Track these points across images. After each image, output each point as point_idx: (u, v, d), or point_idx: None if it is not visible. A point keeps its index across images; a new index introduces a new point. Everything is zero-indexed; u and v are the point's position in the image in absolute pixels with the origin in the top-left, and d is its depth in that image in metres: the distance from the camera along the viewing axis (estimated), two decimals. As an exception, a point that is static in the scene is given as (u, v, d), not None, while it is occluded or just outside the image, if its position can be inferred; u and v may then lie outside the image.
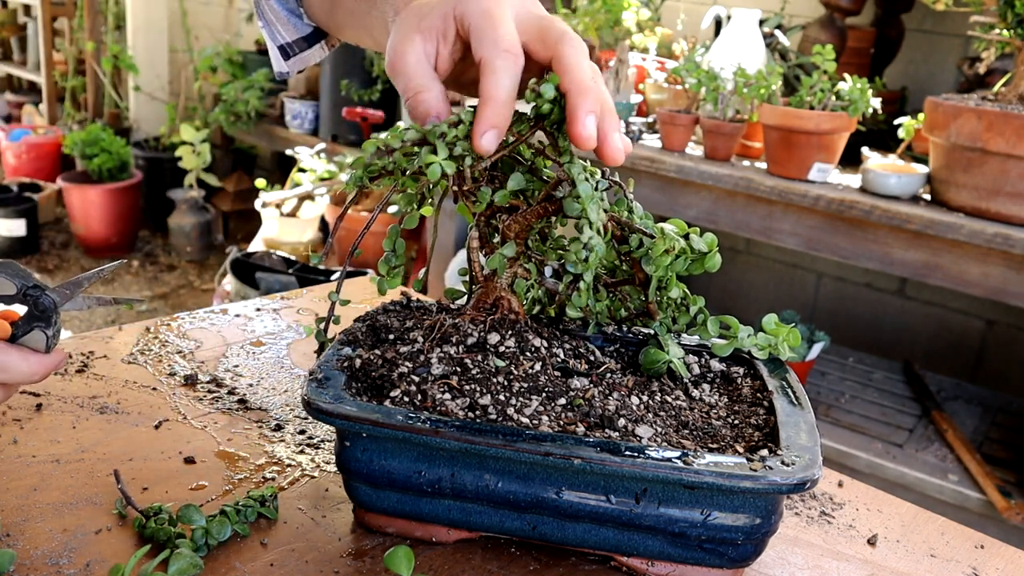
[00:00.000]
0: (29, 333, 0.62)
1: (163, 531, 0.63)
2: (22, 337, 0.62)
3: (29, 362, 0.61)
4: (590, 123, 0.62)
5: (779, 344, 0.75)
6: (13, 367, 0.61)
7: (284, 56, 0.91)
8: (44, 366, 0.62)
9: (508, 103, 0.62)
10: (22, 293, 0.62)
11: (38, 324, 0.63)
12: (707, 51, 2.36)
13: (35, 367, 0.61)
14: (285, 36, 0.89)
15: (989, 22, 1.94)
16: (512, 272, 0.73)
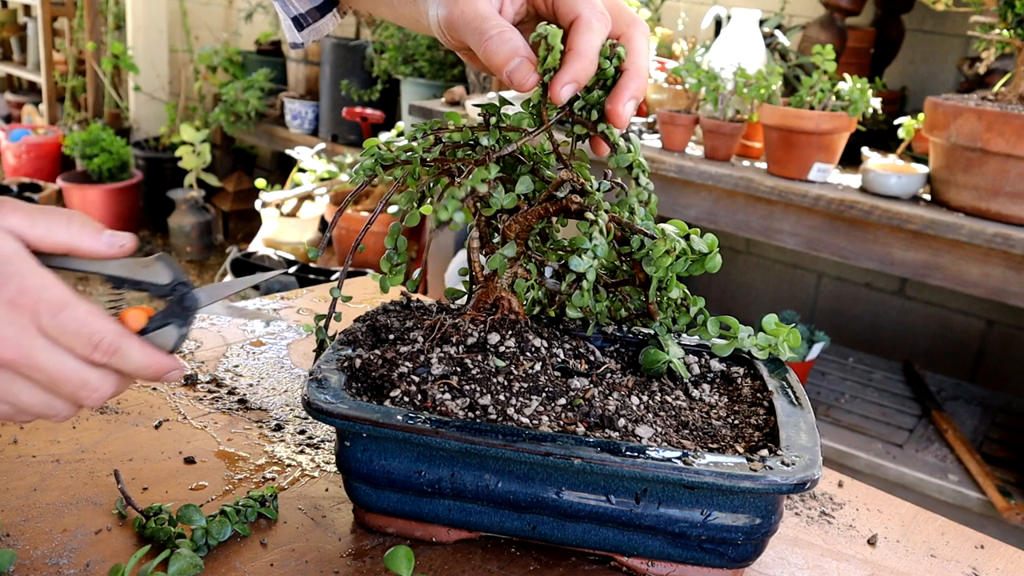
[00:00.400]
0: (162, 328, 0.61)
1: (163, 531, 0.63)
2: (152, 332, 0.61)
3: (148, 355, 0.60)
4: (631, 105, 0.65)
5: (779, 344, 0.75)
6: (130, 357, 0.59)
7: (298, 27, 0.91)
8: (160, 366, 0.61)
9: (595, 62, 0.64)
10: (172, 285, 0.62)
11: (174, 320, 0.62)
12: (707, 51, 2.36)
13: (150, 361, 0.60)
14: (298, 7, 0.90)
15: (989, 22, 1.94)
16: (512, 272, 0.73)
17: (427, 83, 3.40)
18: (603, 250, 0.68)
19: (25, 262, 0.56)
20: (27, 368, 0.56)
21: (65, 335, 0.56)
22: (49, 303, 0.55)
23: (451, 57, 3.47)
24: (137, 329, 0.60)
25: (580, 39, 0.64)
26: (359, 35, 3.99)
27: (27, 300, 0.55)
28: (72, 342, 0.57)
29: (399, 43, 3.50)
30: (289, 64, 4.10)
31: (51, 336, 0.56)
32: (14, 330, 0.55)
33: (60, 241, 0.58)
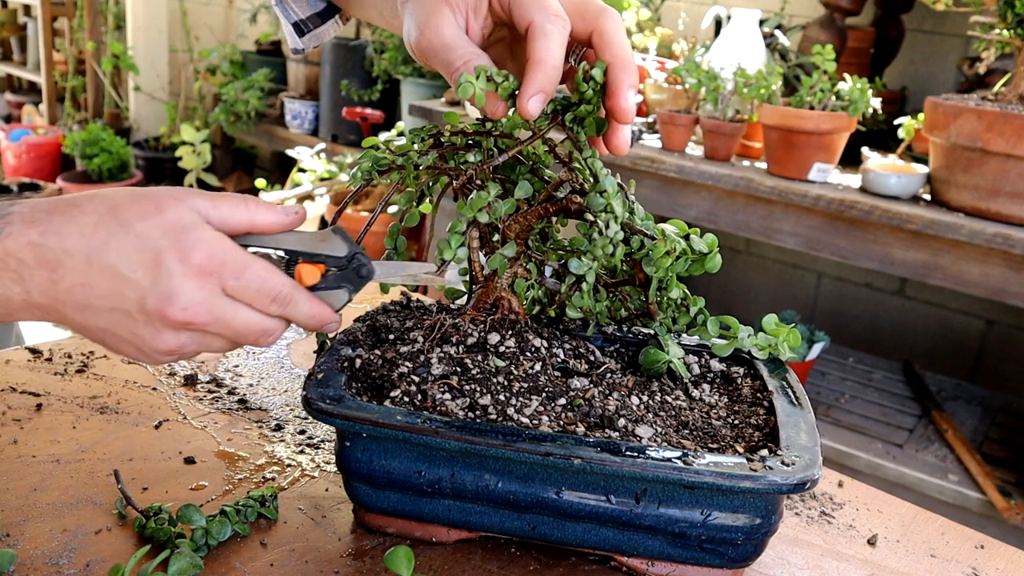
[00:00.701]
0: (335, 290, 0.66)
1: (163, 531, 0.63)
2: (324, 291, 0.66)
3: (314, 306, 0.65)
4: (631, 97, 0.65)
5: (779, 344, 0.75)
6: (300, 308, 0.64)
7: (299, 33, 0.92)
8: (323, 317, 0.66)
9: (557, 68, 0.64)
10: (350, 256, 0.66)
11: (346, 285, 0.66)
12: (707, 51, 2.36)
13: (315, 312, 0.65)
14: (299, 13, 0.91)
15: (989, 22, 1.94)
16: (512, 272, 0.73)
17: (427, 83, 3.40)
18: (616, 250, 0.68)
19: (206, 229, 0.61)
20: (217, 326, 0.62)
21: (247, 293, 0.62)
22: (233, 265, 0.61)
23: (451, 57, 3.47)
24: (309, 284, 0.65)
25: (537, 47, 0.63)
26: (359, 35, 3.99)
27: (214, 264, 0.60)
28: (253, 298, 0.62)
29: (399, 43, 3.50)
30: (289, 64, 4.10)
31: (235, 295, 0.62)
32: (204, 295, 0.60)
33: (241, 220, 0.63)
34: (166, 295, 0.59)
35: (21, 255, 0.58)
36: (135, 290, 0.59)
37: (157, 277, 0.59)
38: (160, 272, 0.59)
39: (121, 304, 0.60)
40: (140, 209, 0.60)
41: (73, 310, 0.60)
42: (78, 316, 0.61)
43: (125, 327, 0.61)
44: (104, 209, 0.60)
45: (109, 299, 0.60)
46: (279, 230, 0.65)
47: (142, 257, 0.59)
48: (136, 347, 0.62)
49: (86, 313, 0.60)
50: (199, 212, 0.61)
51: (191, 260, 0.59)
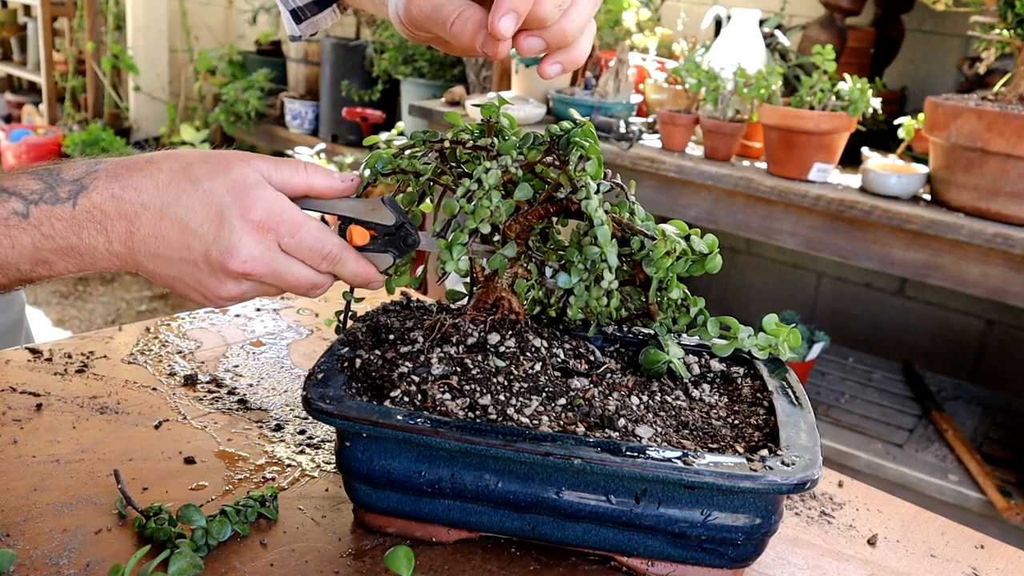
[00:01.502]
0: (381, 253, 0.71)
1: (163, 531, 0.63)
2: (371, 252, 0.71)
3: (360, 265, 0.70)
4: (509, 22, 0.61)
5: (779, 344, 0.75)
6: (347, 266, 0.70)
7: (296, 20, 0.94)
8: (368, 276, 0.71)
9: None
10: (398, 226, 0.70)
11: (393, 250, 0.71)
12: (707, 51, 2.36)
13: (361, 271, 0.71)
14: (298, 0, 0.92)
15: (989, 22, 1.94)
16: (512, 272, 0.73)
17: (427, 83, 3.40)
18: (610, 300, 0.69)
19: (267, 189, 0.66)
20: (272, 279, 0.67)
21: (301, 250, 0.67)
22: (289, 223, 0.66)
23: (451, 57, 3.47)
24: (359, 244, 0.70)
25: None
26: (359, 35, 3.99)
27: (272, 221, 0.65)
28: (305, 255, 0.68)
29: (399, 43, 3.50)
30: (289, 64, 4.10)
31: (290, 252, 0.67)
32: (262, 250, 0.65)
33: (300, 183, 0.68)
34: (228, 248, 0.64)
35: (105, 207, 0.65)
36: (201, 242, 0.65)
37: (220, 231, 0.64)
38: (223, 226, 0.64)
39: (188, 255, 0.65)
40: (209, 168, 0.65)
41: (147, 258, 0.66)
42: (150, 264, 0.66)
43: (192, 275, 0.66)
44: (178, 167, 0.66)
45: (178, 249, 0.65)
46: (334, 195, 0.70)
47: (208, 212, 0.64)
48: (201, 293, 0.68)
49: (157, 262, 0.66)
50: (262, 173, 0.66)
51: (251, 216, 0.64)
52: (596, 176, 0.68)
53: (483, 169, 0.68)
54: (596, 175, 0.67)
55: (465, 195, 0.69)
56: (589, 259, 0.69)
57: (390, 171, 0.74)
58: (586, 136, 0.67)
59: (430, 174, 0.73)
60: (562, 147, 0.68)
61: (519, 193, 0.70)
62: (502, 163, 0.69)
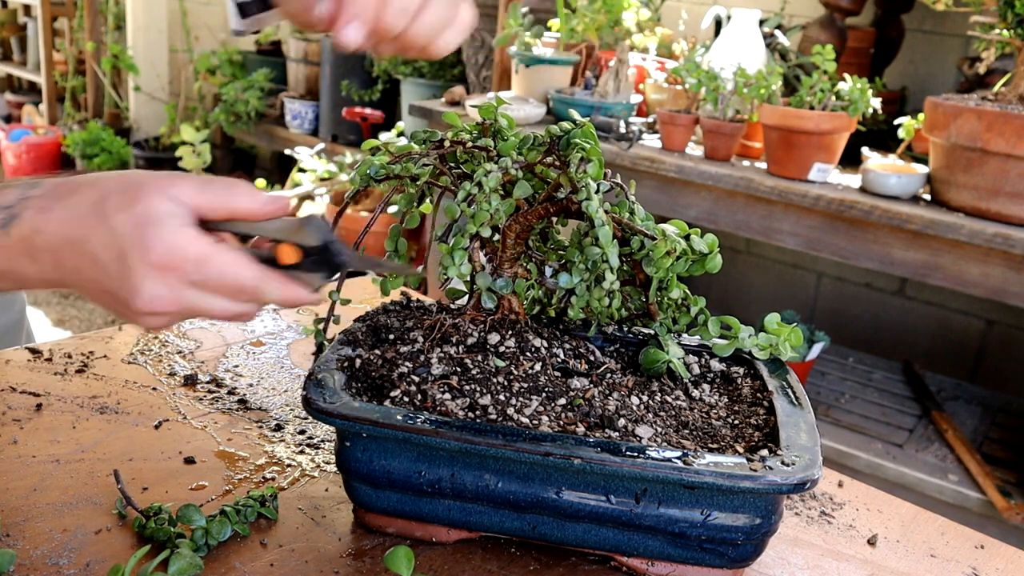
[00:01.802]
0: (310, 272, 0.67)
1: (163, 531, 0.63)
2: (301, 272, 0.67)
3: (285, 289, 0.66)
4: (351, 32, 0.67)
5: (780, 344, 0.75)
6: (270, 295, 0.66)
7: (242, 14, 0.92)
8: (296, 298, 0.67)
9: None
10: (321, 247, 0.67)
11: (322, 271, 0.67)
12: (707, 51, 2.36)
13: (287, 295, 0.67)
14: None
15: (989, 22, 1.94)
16: (512, 272, 0.73)
17: (427, 83, 3.40)
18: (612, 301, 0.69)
19: (168, 225, 0.62)
20: (188, 314, 0.65)
21: (210, 285, 0.64)
22: (194, 260, 0.62)
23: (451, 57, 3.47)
24: (288, 263, 0.67)
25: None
26: (359, 35, 3.98)
27: (174, 260, 0.62)
28: (218, 289, 0.64)
29: (399, 43, 3.49)
30: (289, 64, 4.10)
31: (201, 287, 0.64)
32: (167, 290, 0.63)
33: (223, 206, 0.66)
34: (132, 289, 0.63)
35: (32, 239, 0.64)
36: (110, 280, 0.63)
37: (123, 270, 0.63)
38: (125, 266, 0.62)
39: (105, 289, 0.64)
40: (120, 200, 0.63)
41: (75, 287, 0.66)
42: (80, 292, 0.66)
43: (114, 307, 0.65)
44: (95, 197, 0.64)
45: (96, 283, 0.64)
46: (259, 218, 0.67)
47: (111, 251, 0.62)
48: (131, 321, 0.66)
49: (84, 292, 0.66)
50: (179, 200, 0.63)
51: (150, 257, 0.62)
52: (597, 177, 0.67)
53: (483, 172, 0.68)
54: (597, 176, 0.67)
55: (466, 199, 0.68)
56: (590, 259, 0.69)
57: (383, 177, 0.73)
58: (586, 137, 0.67)
59: (428, 176, 0.72)
60: (562, 148, 0.68)
61: (518, 191, 0.69)
62: (502, 165, 0.69)
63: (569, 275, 0.72)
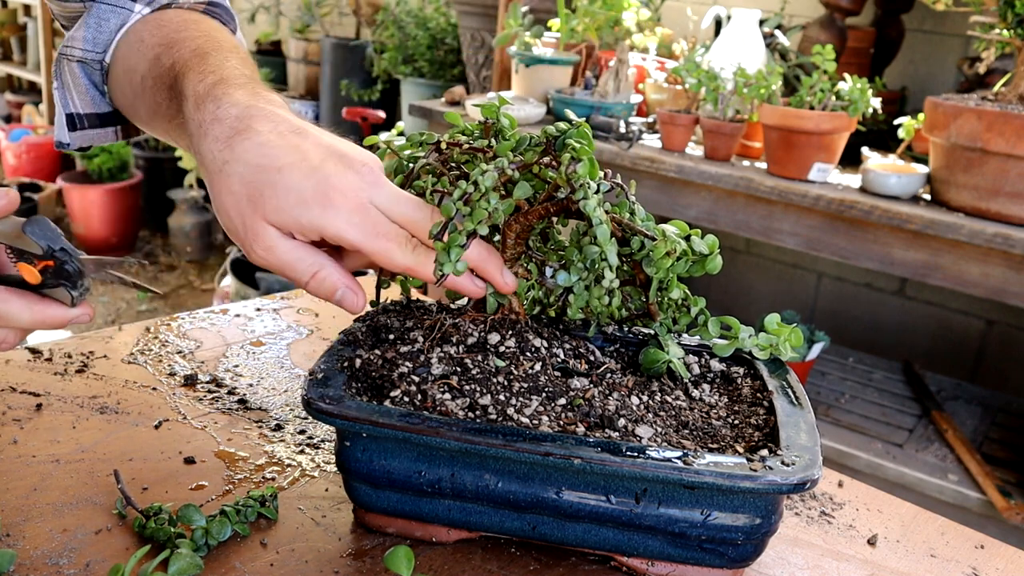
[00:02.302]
0: (56, 288, 0.62)
1: (163, 531, 0.63)
2: (50, 289, 0.61)
3: (35, 309, 0.60)
4: None
5: (780, 344, 0.75)
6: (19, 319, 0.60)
7: (71, 126, 0.85)
8: (53, 319, 0.61)
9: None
10: (49, 255, 0.60)
11: (63, 283, 0.62)
12: (707, 51, 2.36)
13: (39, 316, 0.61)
14: (79, 107, 0.84)
15: (989, 22, 1.94)
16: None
17: (427, 83, 3.40)
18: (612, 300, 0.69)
19: None
20: None
21: None
22: None
23: (451, 57, 3.47)
24: (34, 284, 0.61)
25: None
26: (359, 35, 3.99)
27: None
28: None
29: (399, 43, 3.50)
30: (289, 64, 4.10)
31: None
32: None
33: None
34: None
35: None
36: None
37: None
38: None
39: None
40: None
41: None
42: None
43: None
44: None
45: None
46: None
47: None
48: None
49: None
50: None
51: None
52: (592, 177, 0.67)
53: (479, 171, 0.67)
54: (592, 176, 0.67)
55: (462, 198, 0.68)
56: (589, 259, 0.69)
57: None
58: (580, 137, 0.67)
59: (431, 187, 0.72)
60: (558, 148, 0.68)
61: (518, 192, 0.69)
62: (499, 165, 0.69)
63: (567, 274, 0.72)
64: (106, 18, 0.80)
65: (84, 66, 0.82)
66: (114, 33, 0.80)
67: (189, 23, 0.78)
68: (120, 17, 0.80)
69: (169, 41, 0.75)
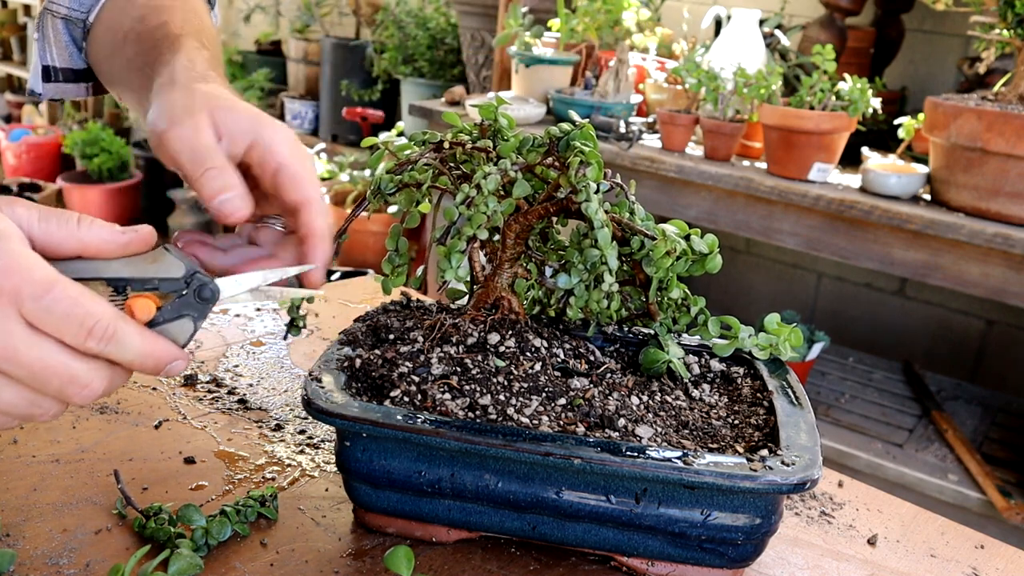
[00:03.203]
0: (175, 321, 0.56)
1: (163, 531, 0.63)
2: (163, 324, 0.56)
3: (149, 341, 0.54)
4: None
5: (780, 344, 0.75)
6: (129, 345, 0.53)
7: (45, 78, 0.89)
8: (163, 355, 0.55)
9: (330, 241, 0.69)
10: (187, 277, 0.56)
11: (190, 313, 0.56)
12: (707, 51, 2.36)
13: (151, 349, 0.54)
14: (56, 60, 0.88)
15: (989, 22, 1.94)
16: (512, 272, 0.73)
17: (427, 83, 3.40)
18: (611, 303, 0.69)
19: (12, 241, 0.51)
20: (7, 362, 0.51)
21: (51, 320, 0.50)
22: (34, 284, 0.50)
23: (451, 57, 3.47)
24: (145, 321, 0.55)
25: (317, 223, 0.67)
26: (359, 35, 3.99)
27: (10, 282, 0.49)
28: (60, 328, 0.51)
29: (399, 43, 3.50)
30: (289, 64, 4.10)
31: (35, 323, 0.50)
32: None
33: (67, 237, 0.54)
34: None
35: None
36: None
37: None
38: None
39: None
40: None
41: None
42: None
43: None
44: None
45: None
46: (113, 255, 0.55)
47: None
48: None
49: None
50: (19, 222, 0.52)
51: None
52: (597, 179, 0.67)
53: (482, 174, 0.67)
54: (597, 179, 0.67)
55: (464, 201, 0.68)
56: (589, 261, 0.69)
57: (395, 189, 0.74)
58: (585, 139, 0.67)
59: (429, 180, 0.72)
60: (561, 150, 0.68)
61: (517, 190, 0.69)
62: (501, 167, 0.69)
63: (568, 276, 0.72)
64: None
65: (67, 23, 0.86)
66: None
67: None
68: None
69: (159, 5, 0.80)
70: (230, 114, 0.65)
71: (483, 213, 0.67)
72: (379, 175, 0.73)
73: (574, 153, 0.67)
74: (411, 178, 0.73)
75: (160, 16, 0.78)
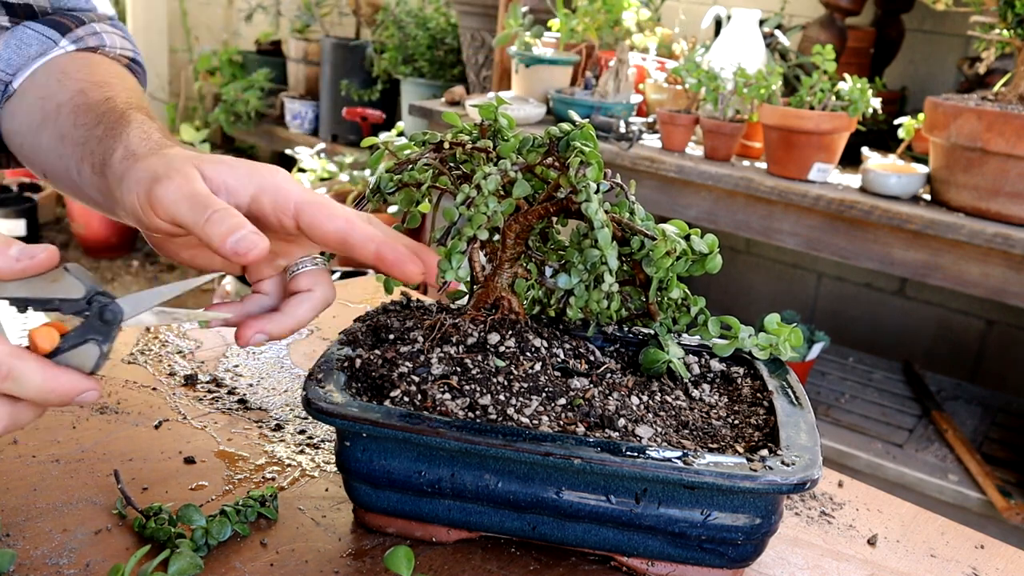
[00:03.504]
0: (80, 347, 0.53)
1: (163, 531, 0.63)
2: (68, 352, 0.53)
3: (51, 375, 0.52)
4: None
5: (780, 344, 0.75)
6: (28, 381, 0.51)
7: None
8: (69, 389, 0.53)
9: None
10: (89, 298, 0.54)
11: (94, 337, 0.54)
12: (707, 51, 2.36)
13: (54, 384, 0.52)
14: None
15: (989, 22, 1.94)
16: (512, 272, 0.73)
17: (427, 83, 3.40)
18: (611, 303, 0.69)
19: None
20: None
21: None
22: None
23: (451, 57, 3.47)
24: (48, 350, 0.52)
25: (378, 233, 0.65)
26: (359, 35, 3.99)
27: None
28: None
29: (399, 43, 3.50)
30: (289, 64, 4.10)
31: None
32: None
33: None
34: None
35: None
36: None
37: None
38: None
39: None
40: None
41: None
42: None
43: None
44: None
45: None
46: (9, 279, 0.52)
47: None
48: None
49: None
50: None
51: None
52: (597, 179, 0.67)
53: (482, 174, 0.67)
54: (597, 179, 0.67)
55: (464, 201, 0.68)
56: (589, 261, 0.69)
57: (395, 189, 0.74)
58: (585, 139, 0.67)
59: (429, 180, 0.72)
60: (561, 150, 0.68)
61: (517, 190, 0.69)
62: (501, 167, 0.69)
63: (568, 276, 0.72)
64: (28, 43, 0.81)
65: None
66: (32, 60, 0.81)
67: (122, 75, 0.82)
68: (42, 46, 0.81)
69: (100, 81, 0.77)
70: (220, 166, 0.61)
71: (483, 213, 0.67)
72: (379, 175, 0.73)
73: (574, 153, 0.67)
74: (411, 178, 0.73)
75: (103, 91, 0.74)
